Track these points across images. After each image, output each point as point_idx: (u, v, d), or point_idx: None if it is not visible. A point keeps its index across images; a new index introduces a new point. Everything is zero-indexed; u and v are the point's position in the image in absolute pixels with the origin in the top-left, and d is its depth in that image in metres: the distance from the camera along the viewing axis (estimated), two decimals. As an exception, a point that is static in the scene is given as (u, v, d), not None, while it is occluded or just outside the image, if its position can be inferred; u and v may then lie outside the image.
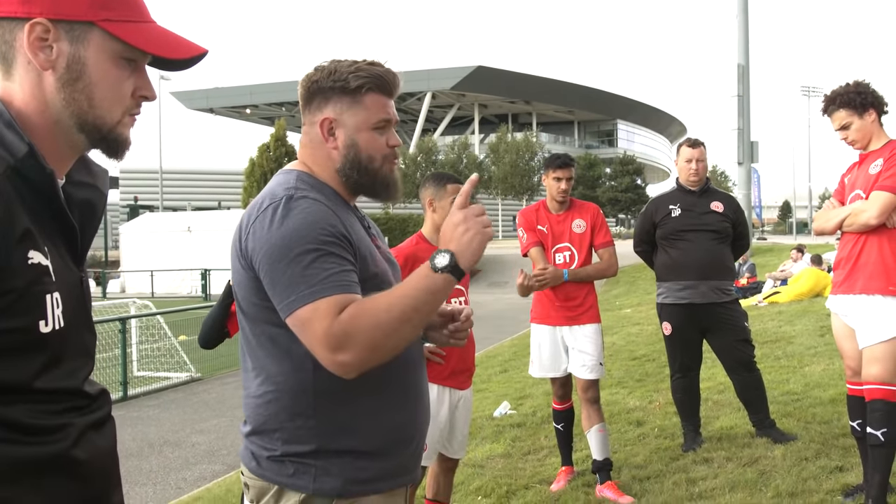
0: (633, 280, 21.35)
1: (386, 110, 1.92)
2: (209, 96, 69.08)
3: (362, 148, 1.88)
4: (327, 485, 1.77)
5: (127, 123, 1.37)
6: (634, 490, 4.45)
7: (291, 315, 1.67)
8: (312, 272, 1.67)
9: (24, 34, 1.27)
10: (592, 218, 4.64)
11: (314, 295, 1.65)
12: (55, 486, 1.28)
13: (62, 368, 1.29)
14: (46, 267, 1.24)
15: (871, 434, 3.63)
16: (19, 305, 1.20)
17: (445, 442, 3.79)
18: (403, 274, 3.54)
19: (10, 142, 1.24)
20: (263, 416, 1.81)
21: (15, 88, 1.30)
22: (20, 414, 1.22)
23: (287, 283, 1.68)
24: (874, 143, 3.85)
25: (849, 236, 3.83)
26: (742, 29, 22.96)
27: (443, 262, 1.65)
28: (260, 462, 1.82)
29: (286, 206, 1.74)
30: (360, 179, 1.90)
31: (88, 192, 1.42)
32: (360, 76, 1.86)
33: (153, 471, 6.82)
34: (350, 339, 1.62)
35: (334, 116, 1.87)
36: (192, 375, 11.41)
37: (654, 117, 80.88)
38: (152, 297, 24.31)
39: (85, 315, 1.39)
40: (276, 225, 1.72)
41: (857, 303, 3.73)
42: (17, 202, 1.21)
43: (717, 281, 4.98)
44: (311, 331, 1.65)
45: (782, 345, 8.55)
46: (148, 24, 1.37)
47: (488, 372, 9.40)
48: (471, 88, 62.88)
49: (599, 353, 4.57)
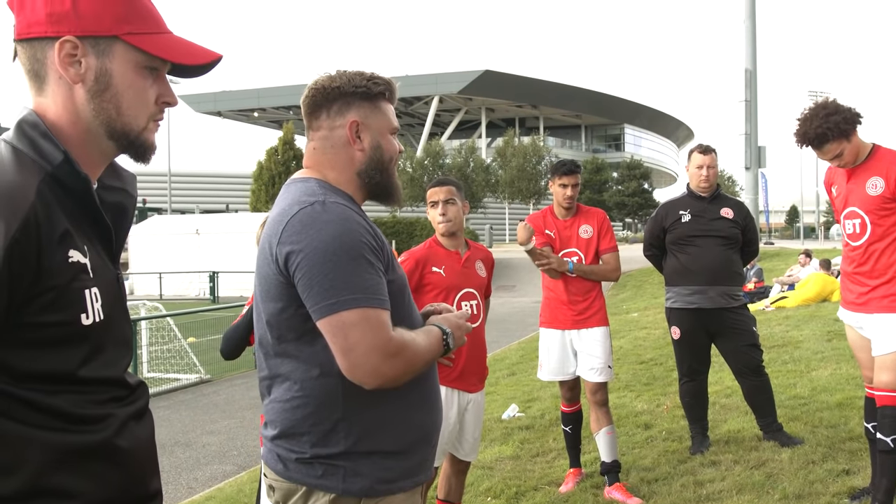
0: (641, 284, 21.35)
1: (395, 118, 2.03)
2: (217, 100, 69.32)
3: (385, 150, 1.97)
4: (356, 485, 1.82)
5: (152, 129, 1.47)
6: (643, 492, 4.49)
7: (332, 316, 1.72)
8: (356, 279, 1.74)
9: (55, 52, 1.36)
10: (599, 223, 4.68)
11: (360, 302, 1.72)
12: (101, 473, 1.36)
13: (104, 358, 1.38)
14: (85, 265, 1.33)
15: (881, 440, 3.67)
16: (62, 301, 1.29)
17: (456, 443, 3.83)
18: (415, 275, 3.63)
19: (47, 151, 1.34)
20: (291, 421, 1.85)
21: (48, 102, 1.39)
22: (66, 403, 1.31)
23: (329, 286, 1.72)
24: (860, 155, 3.80)
25: (857, 249, 3.80)
26: (749, 33, 22.97)
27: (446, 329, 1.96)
28: (287, 465, 1.86)
29: (321, 211, 1.78)
30: (380, 181, 1.97)
31: (119, 196, 1.52)
32: (378, 84, 1.95)
33: (165, 471, 6.88)
34: (400, 356, 1.77)
35: (361, 119, 1.94)
36: (202, 377, 11.47)
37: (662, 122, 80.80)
38: (161, 299, 24.39)
39: (122, 308, 1.48)
40: (316, 228, 1.75)
41: (872, 318, 3.75)
42: (56, 206, 1.30)
43: (726, 286, 5.02)
44: (363, 336, 1.72)
45: (789, 349, 8.57)
46: (166, 34, 1.46)
47: (496, 375, 9.44)
48: (478, 92, 62.96)
49: (608, 356, 4.61)
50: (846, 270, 3.91)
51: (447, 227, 3.74)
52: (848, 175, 3.84)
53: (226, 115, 72.39)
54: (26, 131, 1.36)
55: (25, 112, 1.39)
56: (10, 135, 1.37)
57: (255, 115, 70.42)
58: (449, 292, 3.69)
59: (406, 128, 73.65)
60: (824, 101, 3.79)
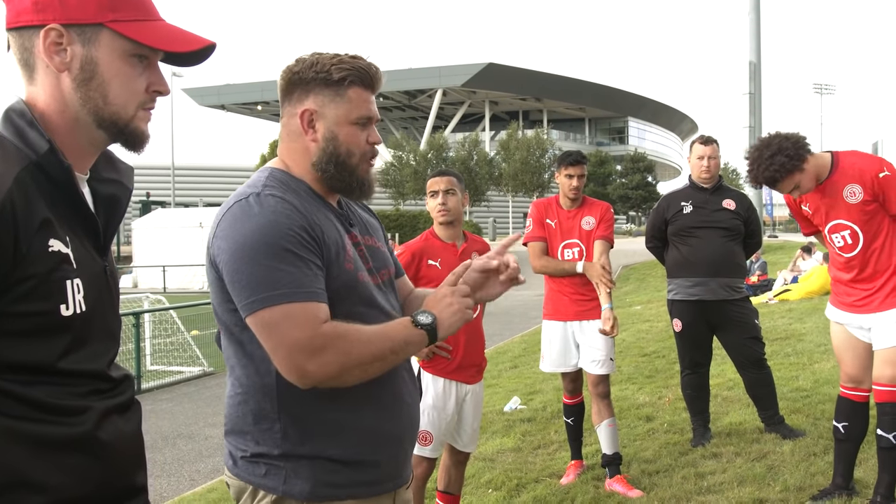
0: (644, 277, 21.34)
1: (367, 106, 1.86)
2: (220, 93, 69.33)
3: (342, 142, 1.83)
4: (296, 487, 1.75)
5: (143, 118, 1.45)
6: (644, 484, 4.49)
7: (254, 314, 1.65)
8: (277, 274, 1.64)
9: (41, 40, 1.36)
10: (601, 214, 4.67)
11: (282, 298, 1.63)
12: (79, 466, 1.34)
13: (86, 351, 1.36)
14: (66, 255, 1.32)
15: (882, 436, 3.63)
16: (40, 290, 1.28)
17: (455, 434, 3.84)
18: (411, 268, 3.62)
19: (32, 139, 1.33)
20: (235, 417, 1.83)
21: (38, 92, 1.39)
22: (42, 394, 1.29)
23: (249, 283, 1.65)
24: (820, 172, 3.69)
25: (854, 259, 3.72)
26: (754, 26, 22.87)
27: (425, 320, 1.76)
28: (236, 462, 1.83)
29: (251, 204, 1.71)
30: (336, 174, 1.84)
31: (114, 188, 1.51)
32: (342, 68, 1.81)
33: (167, 463, 6.90)
34: (325, 353, 1.63)
35: (315, 108, 1.82)
36: (205, 370, 11.49)
37: (666, 115, 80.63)
38: (164, 292, 24.45)
39: (110, 301, 1.47)
40: (241, 223, 1.69)
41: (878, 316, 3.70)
42: (36, 194, 1.29)
43: (727, 278, 5.01)
44: (283, 334, 1.62)
45: (792, 342, 8.56)
46: (155, 21, 1.44)
47: (499, 368, 9.45)
48: (482, 85, 62.84)
49: (610, 348, 4.60)
50: (843, 279, 3.82)
51: (446, 216, 3.75)
52: (820, 191, 3.72)
53: (229, 109, 72.40)
54: (13, 119, 1.36)
55: (14, 100, 1.38)
56: None
57: (258, 108, 70.37)
58: None
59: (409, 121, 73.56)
60: (767, 140, 3.66)
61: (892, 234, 3.67)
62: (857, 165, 3.65)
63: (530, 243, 4.69)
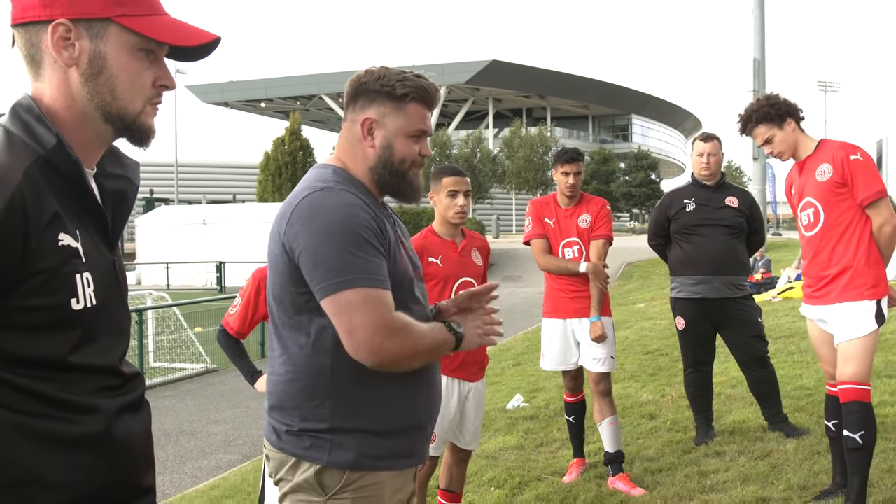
0: (647, 275, 21.32)
1: (424, 121, 2.04)
2: (224, 90, 69.27)
3: (396, 151, 2.01)
4: (340, 457, 1.90)
5: (149, 112, 1.45)
6: (646, 482, 4.48)
7: (337, 294, 1.79)
8: (357, 260, 1.81)
9: (48, 35, 1.35)
10: (597, 211, 4.65)
11: (361, 282, 1.79)
12: (89, 464, 1.33)
13: (97, 345, 1.36)
14: (76, 249, 1.32)
15: (848, 437, 3.56)
16: (51, 284, 1.28)
17: (457, 432, 3.83)
18: None
19: (40, 134, 1.33)
20: (283, 394, 1.95)
21: (44, 87, 1.39)
22: (55, 389, 1.29)
23: (333, 266, 1.80)
24: (801, 150, 3.84)
25: (813, 239, 3.77)
26: (758, 23, 22.81)
27: (458, 329, 2.00)
28: (280, 436, 1.95)
29: (328, 196, 1.87)
30: (389, 179, 2.02)
31: (121, 183, 1.51)
32: (406, 85, 1.99)
33: (170, 460, 6.92)
34: (400, 335, 1.83)
35: (376, 118, 2.00)
36: (208, 367, 11.52)
37: (669, 112, 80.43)
38: (168, 289, 24.45)
39: (119, 295, 1.47)
40: (322, 212, 1.85)
41: (834, 309, 3.69)
42: (46, 189, 1.29)
43: (730, 276, 4.99)
44: (368, 313, 1.78)
45: (796, 340, 8.53)
46: (161, 16, 1.44)
47: (501, 365, 9.45)
48: (485, 83, 62.71)
49: (611, 346, 4.59)
50: (804, 265, 3.88)
51: (463, 218, 3.76)
52: (800, 169, 3.88)
53: (233, 106, 72.33)
54: (20, 115, 1.35)
55: (21, 96, 1.38)
56: (5, 118, 1.37)
57: (262, 105, 70.34)
58: (446, 282, 3.69)
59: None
60: (770, 95, 3.93)
61: (858, 228, 3.66)
62: (833, 147, 3.76)
63: (532, 241, 4.68)
